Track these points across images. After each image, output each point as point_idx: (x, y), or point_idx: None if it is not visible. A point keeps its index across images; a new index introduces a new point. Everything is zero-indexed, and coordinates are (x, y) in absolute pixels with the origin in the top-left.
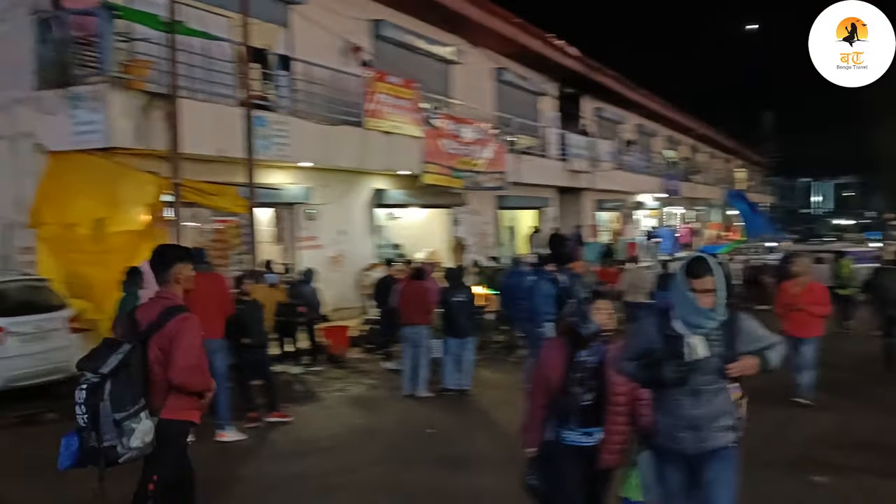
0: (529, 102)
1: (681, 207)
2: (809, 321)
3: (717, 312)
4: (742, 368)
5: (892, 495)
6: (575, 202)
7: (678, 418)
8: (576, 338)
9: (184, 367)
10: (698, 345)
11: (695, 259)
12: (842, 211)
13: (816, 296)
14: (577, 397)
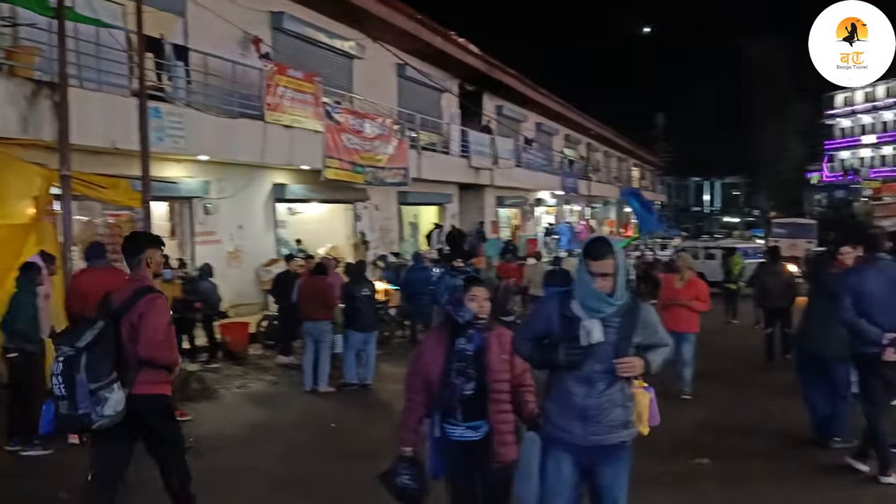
0: (432, 99)
1: (579, 205)
2: (689, 316)
3: (616, 297)
4: (629, 367)
5: (768, 475)
6: (476, 199)
7: (568, 407)
8: (453, 326)
9: (151, 342)
10: (594, 329)
11: (595, 240)
12: (729, 209)
13: (698, 291)
14: (458, 388)
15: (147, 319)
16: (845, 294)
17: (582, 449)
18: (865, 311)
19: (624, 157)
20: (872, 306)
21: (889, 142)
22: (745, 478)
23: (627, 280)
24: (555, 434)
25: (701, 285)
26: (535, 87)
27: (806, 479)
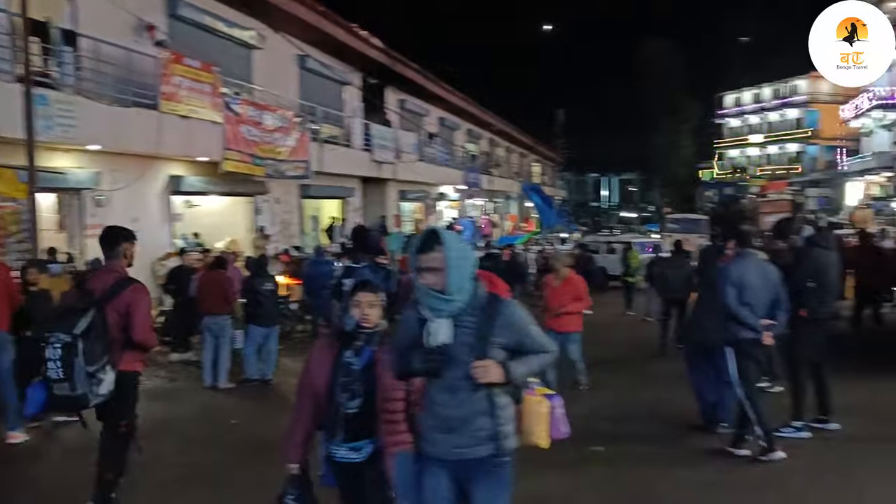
0: (334, 91)
1: (481, 199)
2: (571, 316)
3: (449, 294)
4: (486, 373)
5: (657, 459)
6: (379, 192)
7: (434, 418)
8: (341, 336)
9: (144, 328)
10: (439, 330)
11: (425, 232)
12: (626, 204)
13: (576, 290)
14: (341, 405)
15: (138, 308)
16: (729, 285)
17: (453, 463)
18: (746, 300)
19: (525, 152)
20: (751, 297)
21: (774, 141)
22: (636, 462)
23: (522, 274)
24: (426, 448)
25: (579, 283)
26: (438, 81)
27: (692, 462)
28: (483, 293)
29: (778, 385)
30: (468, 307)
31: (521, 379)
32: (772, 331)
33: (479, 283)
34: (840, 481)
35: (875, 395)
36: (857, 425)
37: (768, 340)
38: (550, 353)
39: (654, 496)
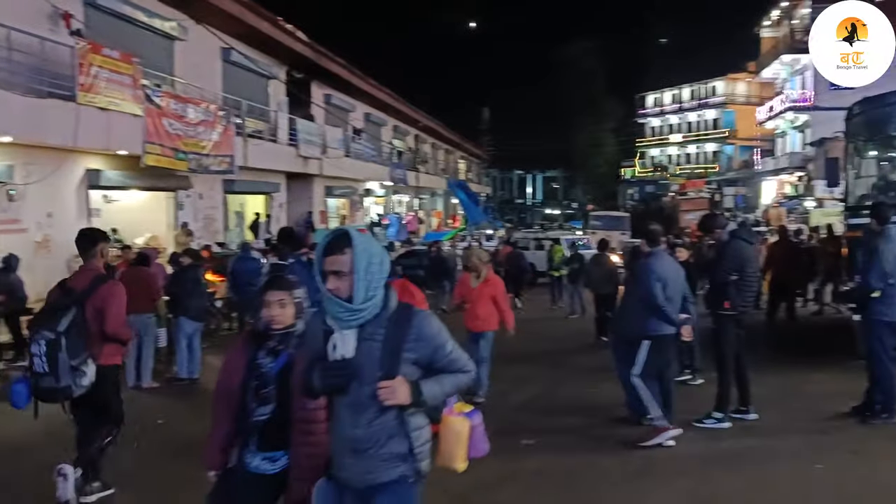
0: (259, 85)
1: (407, 195)
2: (488, 315)
3: (356, 302)
4: (392, 393)
5: (583, 449)
6: (305, 188)
7: (340, 439)
8: (255, 337)
9: (117, 322)
10: (343, 342)
11: (333, 232)
12: (550, 201)
13: (495, 289)
14: (252, 411)
15: (111, 304)
16: (654, 280)
17: (364, 491)
18: (669, 296)
19: (451, 149)
20: (673, 293)
21: (693, 141)
22: (566, 454)
23: (449, 271)
24: (333, 471)
25: (498, 283)
26: (364, 76)
27: (619, 452)
28: (394, 302)
29: (699, 378)
30: (377, 318)
31: (433, 401)
32: (688, 324)
33: (391, 292)
34: (758, 467)
35: (788, 387)
36: (773, 415)
37: (687, 334)
38: (468, 373)
39: (583, 486)
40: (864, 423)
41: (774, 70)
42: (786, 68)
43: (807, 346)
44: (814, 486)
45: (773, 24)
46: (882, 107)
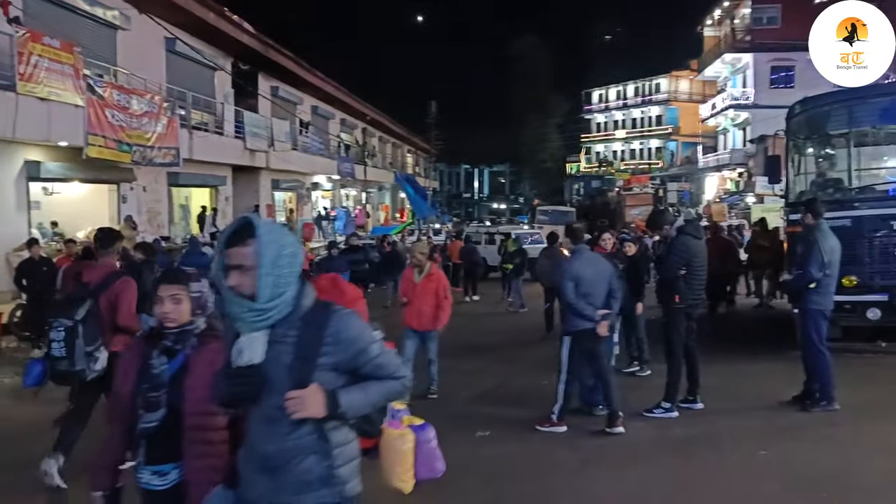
0: (204, 77)
1: (355, 189)
2: (433, 313)
3: (262, 300)
4: (301, 404)
5: (543, 440)
6: (252, 181)
7: (251, 455)
8: (149, 336)
9: (129, 315)
10: (248, 347)
11: (237, 221)
12: (496, 196)
13: (439, 285)
14: (139, 417)
15: (123, 298)
16: (566, 279)
17: None
18: (584, 292)
19: (399, 143)
20: (589, 289)
21: (637, 137)
22: (520, 444)
23: (300, 276)
24: (242, 491)
25: (441, 278)
26: (312, 69)
27: (572, 442)
28: (309, 300)
29: (648, 369)
30: (289, 318)
31: (355, 412)
32: (607, 320)
33: (306, 288)
34: (706, 454)
35: (731, 377)
36: (718, 405)
37: (603, 331)
38: (401, 378)
39: (538, 475)
40: (805, 410)
41: (716, 68)
42: (727, 67)
43: (748, 338)
44: (760, 472)
45: (714, 24)
46: (821, 106)
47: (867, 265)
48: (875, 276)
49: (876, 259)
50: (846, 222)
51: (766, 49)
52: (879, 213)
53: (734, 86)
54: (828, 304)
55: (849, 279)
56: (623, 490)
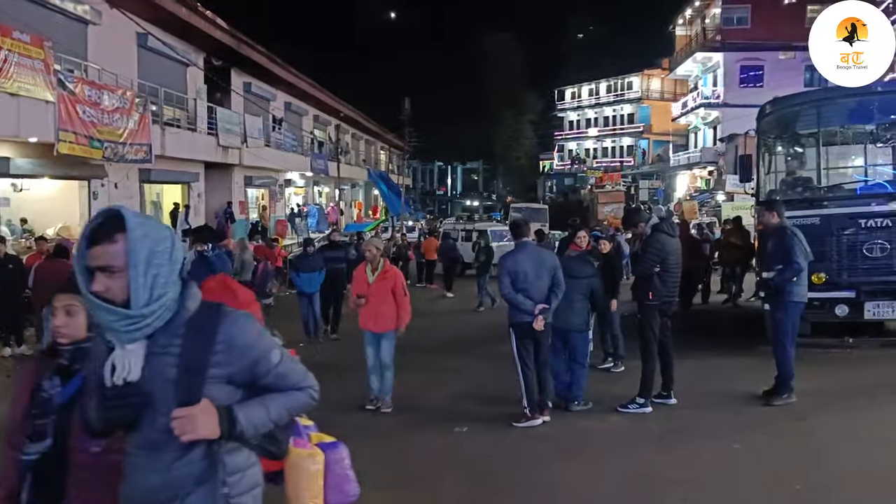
0: (176, 72)
1: (328, 186)
2: (390, 312)
3: (136, 306)
4: (190, 425)
5: (520, 436)
6: (224, 178)
7: (133, 489)
8: (43, 355)
9: None
10: (124, 361)
11: (100, 214)
12: (470, 193)
13: (395, 283)
14: (21, 449)
15: None
16: (504, 274)
17: None
18: (522, 287)
19: (372, 140)
20: (527, 283)
21: (609, 135)
22: (498, 441)
23: (184, 276)
24: None
25: (397, 275)
26: (285, 65)
27: (550, 438)
28: (194, 303)
29: (622, 365)
30: (171, 324)
31: (255, 431)
32: (544, 314)
33: (191, 289)
34: (681, 447)
35: (703, 372)
36: (691, 399)
37: (539, 325)
38: (307, 389)
39: (518, 470)
40: (768, 404)
41: (688, 67)
42: (698, 66)
43: (719, 334)
44: (734, 464)
45: (686, 23)
46: (790, 106)
47: (836, 263)
48: (843, 274)
49: (844, 257)
50: (815, 221)
51: (737, 49)
52: (847, 212)
53: (705, 85)
54: (805, 294)
55: (818, 276)
56: (600, 484)
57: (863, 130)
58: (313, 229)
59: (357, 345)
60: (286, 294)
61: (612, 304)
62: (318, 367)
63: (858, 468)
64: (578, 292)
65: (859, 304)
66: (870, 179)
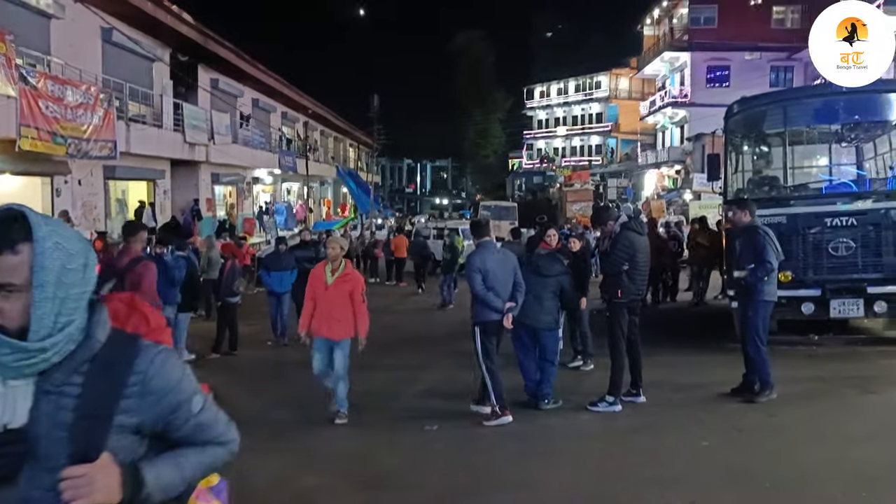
0: (142, 68)
1: (296, 183)
2: (346, 319)
3: (35, 337)
4: (85, 489)
5: (491, 434)
6: (191, 175)
7: None
8: None
9: (150, 292)
10: (5, 402)
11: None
12: (439, 191)
13: (354, 287)
14: None
15: (144, 279)
16: (475, 272)
17: None
18: (491, 285)
19: (341, 137)
20: (496, 281)
21: (578, 133)
22: (467, 439)
23: (93, 298)
24: None
25: (357, 279)
26: (253, 61)
27: (520, 436)
28: (102, 333)
29: (591, 363)
30: (71, 359)
31: (165, 494)
32: (511, 312)
33: (100, 314)
34: (651, 445)
35: (672, 370)
36: (660, 397)
37: (507, 323)
38: (228, 444)
39: (489, 467)
40: (749, 402)
41: (655, 67)
42: (666, 65)
43: (687, 332)
44: (704, 462)
45: (654, 23)
46: (758, 106)
47: (802, 261)
48: (809, 272)
49: (810, 255)
50: (782, 219)
51: (704, 48)
52: (813, 211)
53: (672, 84)
54: (774, 293)
55: (784, 275)
56: (570, 483)
57: (828, 130)
58: (281, 227)
59: None
60: (254, 292)
61: (581, 302)
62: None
63: (825, 465)
64: (548, 290)
65: (825, 302)
66: (835, 179)
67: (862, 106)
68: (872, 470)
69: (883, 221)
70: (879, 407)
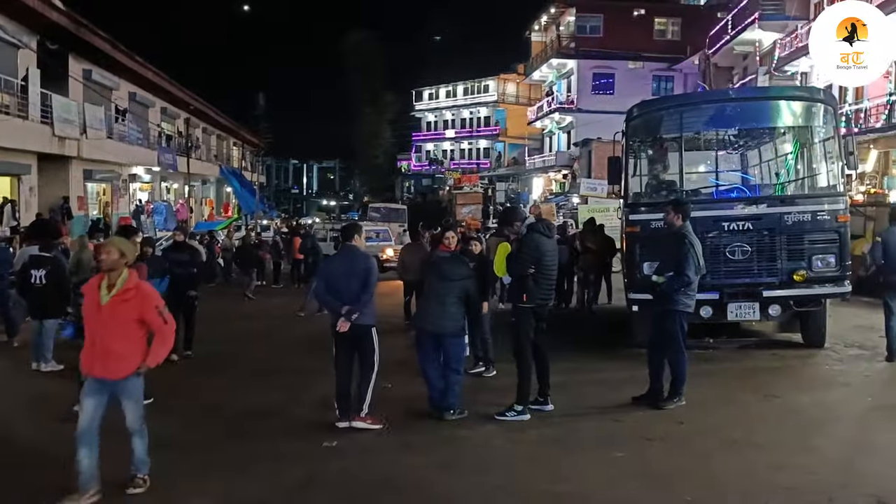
0: (6, 55)
1: (177, 182)
2: (126, 350)
3: None
4: None
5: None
6: (61, 171)
7: None
8: None
9: None
10: None
11: None
12: (326, 192)
13: (143, 309)
14: None
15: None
16: (320, 277)
17: None
18: (335, 288)
19: (224, 135)
20: (339, 285)
21: (466, 136)
22: (370, 453)
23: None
24: None
25: (146, 298)
26: (130, 53)
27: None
28: None
29: (493, 369)
30: None
31: None
32: (348, 317)
33: None
34: (562, 458)
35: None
36: (567, 405)
37: (343, 327)
38: None
39: (391, 484)
40: (658, 408)
41: (543, 73)
42: (553, 72)
43: (584, 338)
44: (620, 474)
45: (542, 29)
46: (656, 111)
47: None
48: (707, 276)
49: (708, 259)
50: None
51: (589, 56)
52: (710, 215)
53: (559, 90)
54: (692, 305)
55: None
56: (479, 499)
57: (720, 136)
58: (160, 228)
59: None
60: None
61: (483, 306)
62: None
63: (741, 476)
64: (452, 295)
65: (723, 305)
66: (727, 184)
67: (755, 113)
68: (788, 480)
69: (777, 226)
70: (783, 412)
